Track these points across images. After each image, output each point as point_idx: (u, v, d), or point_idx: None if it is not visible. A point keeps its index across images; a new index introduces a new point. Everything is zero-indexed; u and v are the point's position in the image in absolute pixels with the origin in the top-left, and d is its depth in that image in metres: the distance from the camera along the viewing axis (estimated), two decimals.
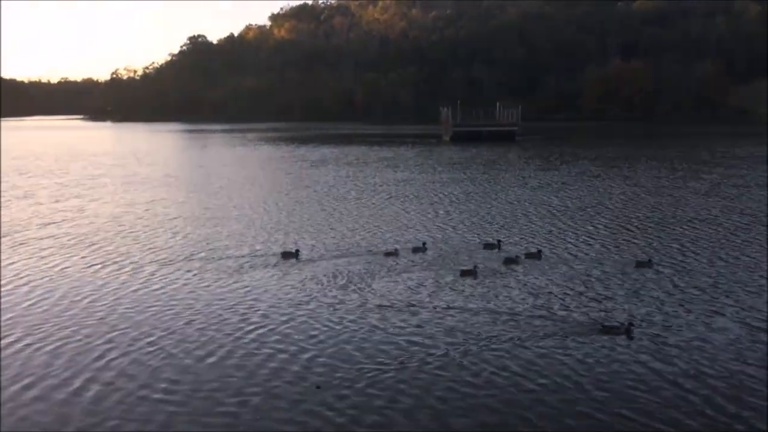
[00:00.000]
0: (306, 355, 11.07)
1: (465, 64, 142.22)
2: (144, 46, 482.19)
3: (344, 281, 15.53)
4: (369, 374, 10.27)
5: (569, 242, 19.55)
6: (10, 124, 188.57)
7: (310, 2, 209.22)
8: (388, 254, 18.00)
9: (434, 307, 13.48)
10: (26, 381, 10.11)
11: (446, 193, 30.62)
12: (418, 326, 12.39)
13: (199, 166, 47.95)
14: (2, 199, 29.93)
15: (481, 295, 14.29)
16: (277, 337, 11.96)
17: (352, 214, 25.19)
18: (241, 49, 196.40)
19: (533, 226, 22.34)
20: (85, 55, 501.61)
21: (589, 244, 19.22)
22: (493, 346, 11.29)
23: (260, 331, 12.27)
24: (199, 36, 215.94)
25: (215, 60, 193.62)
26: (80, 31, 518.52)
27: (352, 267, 16.83)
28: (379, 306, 13.61)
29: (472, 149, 57.93)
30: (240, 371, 10.46)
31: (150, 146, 73.89)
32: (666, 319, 12.52)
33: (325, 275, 16.04)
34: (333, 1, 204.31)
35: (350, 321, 12.75)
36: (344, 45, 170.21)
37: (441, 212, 25.27)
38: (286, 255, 17.77)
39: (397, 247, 18.64)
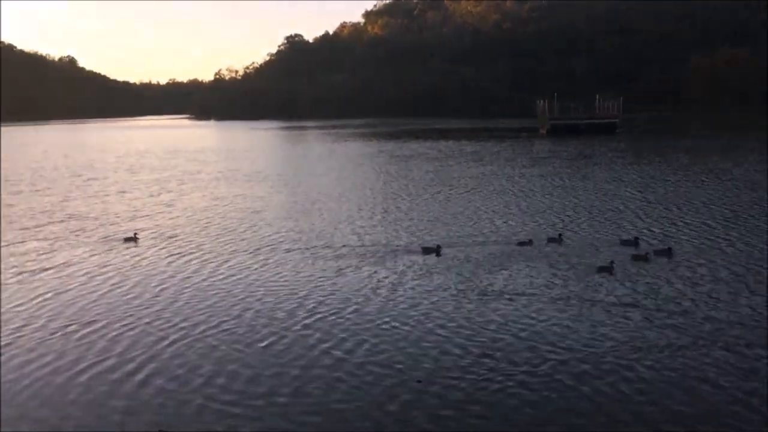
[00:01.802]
0: (419, 348, 10.54)
1: (561, 55, 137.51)
2: (245, 47, 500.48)
3: (475, 271, 15.12)
4: (484, 371, 9.56)
5: (698, 239, 17.96)
6: (123, 123, 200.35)
7: None
8: (521, 244, 17.52)
9: (568, 301, 12.73)
10: (98, 367, 9.97)
11: (561, 186, 29.42)
12: (553, 322, 11.58)
13: (292, 162, 48.44)
14: (102, 193, 31.14)
15: (619, 292, 13.22)
16: (395, 326, 11.58)
17: (476, 205, 24.73)
18: (335, 46, 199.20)
19: (657, 220, 20.79)
20: (190, 57, 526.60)
21: (720, 241, 17.52)
22: (635, 354, 10.09)
23: (378, 321, 11.88)
24: (295, 35, 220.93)
25: (311, 58, 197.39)
26: (186, 33, 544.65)
27: (484, 257, 16.42)
28: (510, 298, 13.03)
29: (571, 142, 55.62)
30: (350, 361, 10.12)
31: (247, 143, 75.83)
32: None
33: (455, 265, 15.63)
34: None
35: (476, 313, 12.17)
36: (437, 39, 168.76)
37: (568, 206, 24.13)
38: (427, 250, 17.06)
39: (531, 237, 18.13)
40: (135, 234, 20.16)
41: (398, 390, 9.08)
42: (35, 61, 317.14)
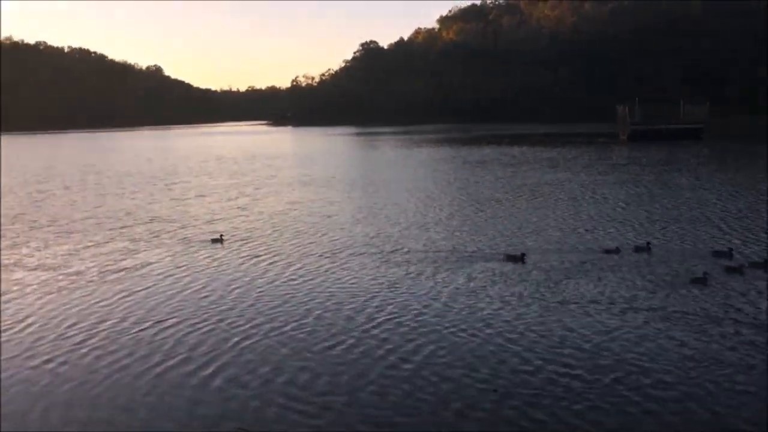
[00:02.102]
0: (497, 357, 10.27)
1: (643, 58, 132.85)
2: (322, 55, 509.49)
3: (560, 279, 14.72)
4: (564, 386, 9.17)
5: None
6: (204, 129, 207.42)
7: (478, 2, 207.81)
8: (608, 252, 17.04)
9: (660, 313, 12.18)
10: (165, 365, 10.16)
11: (643, 194, 28.34)
12: (641, 336, 11.05)
13: (365, 167, 48.75)
14: (182, 197, 32.18)
15: (712, 305, 12.53)
16: (473, 334, 11.35)
17: (552, 212, 24.15)
18: (410, 52, 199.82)
19: (748, 231, 19.63)
20: (269, 64, 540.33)
21: None
22: (726, 371, 9.53)
23: (455, 329, 11.64)
24: (370, 42, 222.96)
25: (385, 65, 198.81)
26: (265, 42, 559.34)
27: (569, 265, 15.99)
28: (597, 308, 12.57)
29: (653, 148, 53.58)
30: (425, 367, 9.95)
31: (322, 148, 76.96)
32: None
33: (539, 273, 15.26)
34: (501, 1, 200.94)
35: (559, 323, 11.78)
36: (512, 44, 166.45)
37: (653, 214, 23.18)
38: (511, 258, 16.54)
39: (618, 245, 17.58)
40: (221, 235, 20.71)
41: (473, 401, 8.83)
42: (125, 69, 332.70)
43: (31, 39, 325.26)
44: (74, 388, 9.58)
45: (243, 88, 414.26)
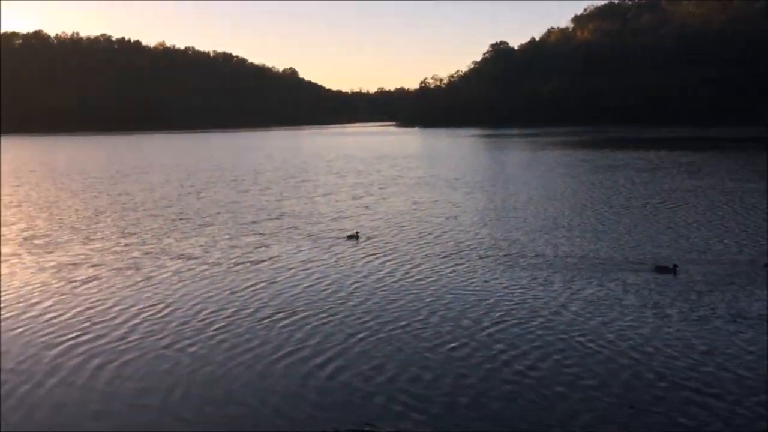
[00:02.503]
0: (631, 371, 9.85)
1: None
2: (450, 56, 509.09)
3: (704, 290, 14.05)
4: (714, 403, 8.71)
5: None
6: (334, 130, 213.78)
7: (616, 1, 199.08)
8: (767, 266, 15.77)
9: None
10: (295, 356, 10.58)
11: None
12: None
13: (491, 169, 48.17)
14: (311, 194, 33.38)
15: None
16: (605, 345, 10.97)
17: (693, 220, 22.97)
18: (542, 53, 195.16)
19: None
20: (398, 66, 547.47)
21: None
22: None
23: (588, 339, 11.31)
24: (500, 43, 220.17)
25: (516, 65, 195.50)
26: (394, 44, 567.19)
27: (714, 276, 15.15)
28: (744, 324, 11.84)
29: None
30: (553, 376, 9.74)
31: (448, 150, 76.98)
32: None
33: (689, 286, 14.50)
34: None
35: (699, 336, 11.24)
36: (653, 44, 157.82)
37: None
38: (662, 269, 15.73)
39: None
40: (357, 233, 21.31)
41: (604, 415, 8.48)
42: (263, 72, 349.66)
43: (181, 44, 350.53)
44: (211, 372, 10.18)
45: (372, 90, 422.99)
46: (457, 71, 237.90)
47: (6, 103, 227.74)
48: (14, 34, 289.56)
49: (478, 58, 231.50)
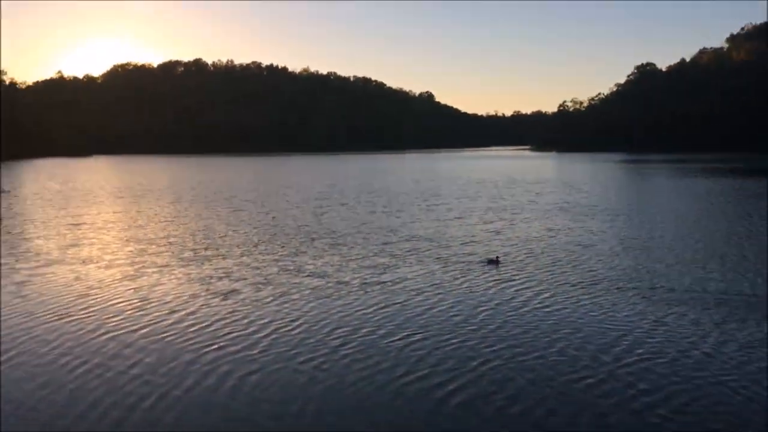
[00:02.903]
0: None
1: None
2: (591, 78, 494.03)
3: None
4: None
5: None
6: (469, 153, 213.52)
7: None
8: None
9: None
10: (411, 376, 10.55)
11: None
12: None
13: (631, 196, 45.87)
14: (442, 218, 33.37)
15: None
16: (741, 391, 10.14)
17: None
18: (692, 75, 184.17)
19: None
20: (535, 89, 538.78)
21: None
22: None
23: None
24: (647, 64, 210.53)
25: (662, 87, 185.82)
26: (528, 68, 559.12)
27: None
28: None
29: None
30: (678, 419, 9.17)
31: (586, 175, 74.29)
32: None
33: None
34: None
35: None
36: None
37: None
38: None
39: None
40: (497, 257, 20.97)
41: None
42: (400, 96, 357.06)
43: (323, 70, 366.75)
44: (328, 388, 10.40)
45: (509, 113, 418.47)
46: (599, 94, 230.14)
47: (171, 127, 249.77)
48: (177, 62, 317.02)
49: (622, 80, 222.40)
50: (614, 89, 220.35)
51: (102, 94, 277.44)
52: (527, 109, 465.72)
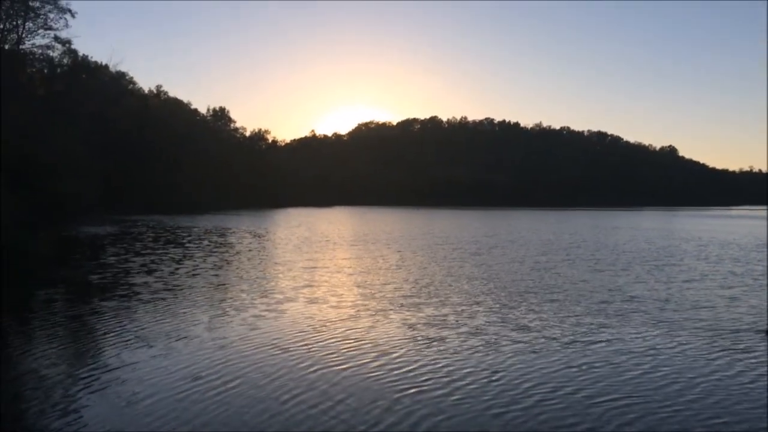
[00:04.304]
0: None
1: None
2: None
3: None
4: None
5: None
6: (715, 212, 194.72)
7: None
8: None
9: None
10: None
11: None
12: None
13: None
14: (669, 280, 31.01)
15: None
16: None
17: None
18: None
19: None
20: None
21: None
22: None
23: None
24: None
25: None
26: None
27: None
28: None
29: None
30: None
31: None
32: None
33: None
34: None
35: None
36: None
37: None
38: None
39: None
40: None
41: None
42: (637, 150, 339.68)
43: (556, 125, 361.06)
44: None
45: (766, 169, 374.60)
46: None
47: (408, 180, 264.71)
48: (414, 120, 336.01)
49: None
50: None
51: (346, 149, 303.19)
52: None
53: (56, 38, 75.82)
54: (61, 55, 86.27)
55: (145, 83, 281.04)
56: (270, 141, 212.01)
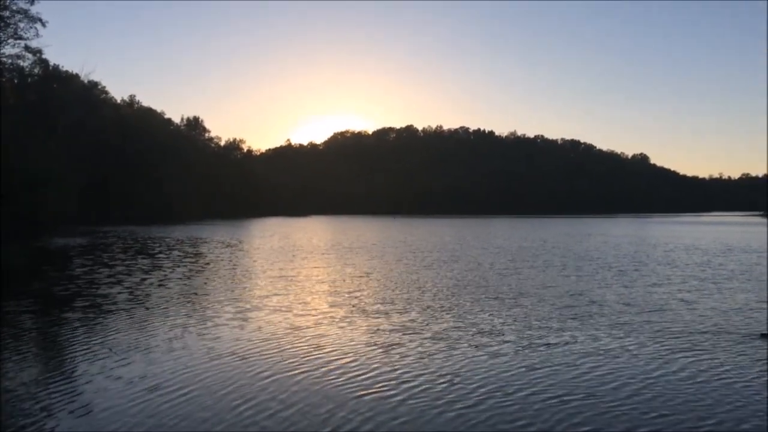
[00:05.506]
0: None
1: None
2: None
3: None
4: None
5: None
6: (685, 219, 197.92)
7: None
8: None
9: None
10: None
11: None
12: None
13: None
14: (630, 284, 31.60)
15: None
16: None
17: None
18: None
19: None
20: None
21: None
22: None
23: None
24: None
25: None
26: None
27: None
28: None
29: None
30: None
31: None
32: None
33: None
34: None
35: None
36: None
37: None
38: None
39: None
40: None
41: None
42: (610, 158, 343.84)
43: (530, 133, 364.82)
44: None
45: (736, 175, 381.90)
46: None
47: (383, 189, 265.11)
48: (390, 129, 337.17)
49: None
50: None
51: (322, 158, 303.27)
52: (758, 171, 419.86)
53: (27, 48, 74.78)
54: (31, 65, 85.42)
55: (117, 92, 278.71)
56: (245, 150, 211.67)
